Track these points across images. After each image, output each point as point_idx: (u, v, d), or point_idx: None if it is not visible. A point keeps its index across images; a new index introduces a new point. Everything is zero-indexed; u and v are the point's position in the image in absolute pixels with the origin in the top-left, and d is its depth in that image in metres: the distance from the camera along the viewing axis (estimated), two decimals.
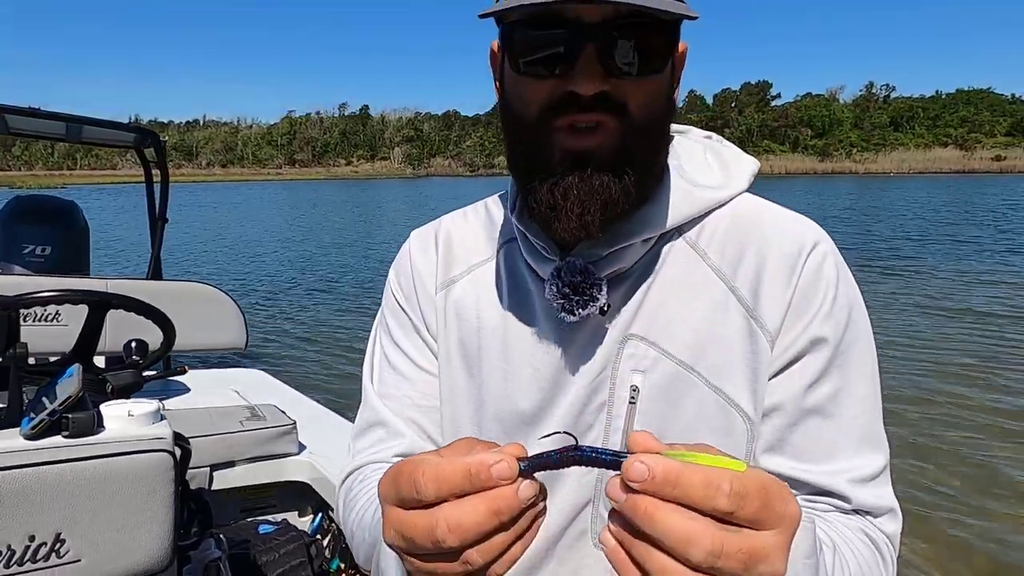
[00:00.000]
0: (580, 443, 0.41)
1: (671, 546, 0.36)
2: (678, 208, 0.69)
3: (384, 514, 0.45)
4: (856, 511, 0.66)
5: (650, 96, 0.63)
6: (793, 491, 0.68)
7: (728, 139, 0.80)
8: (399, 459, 0.77)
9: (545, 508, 0.43)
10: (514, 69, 0.65)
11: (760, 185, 0.72)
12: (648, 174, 0.67)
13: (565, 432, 0.46)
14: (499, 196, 0.84)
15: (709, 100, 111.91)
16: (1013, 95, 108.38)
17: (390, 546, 0.45)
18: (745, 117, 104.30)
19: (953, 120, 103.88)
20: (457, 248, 0.81)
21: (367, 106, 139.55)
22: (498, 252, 0.78)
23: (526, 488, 0.40)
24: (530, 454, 0.42)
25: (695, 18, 0.60)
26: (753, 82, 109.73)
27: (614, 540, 0.39)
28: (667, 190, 0.70)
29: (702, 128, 0.82)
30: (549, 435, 0.68)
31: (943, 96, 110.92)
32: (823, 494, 0.66)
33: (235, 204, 38.28)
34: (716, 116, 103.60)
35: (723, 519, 0.36)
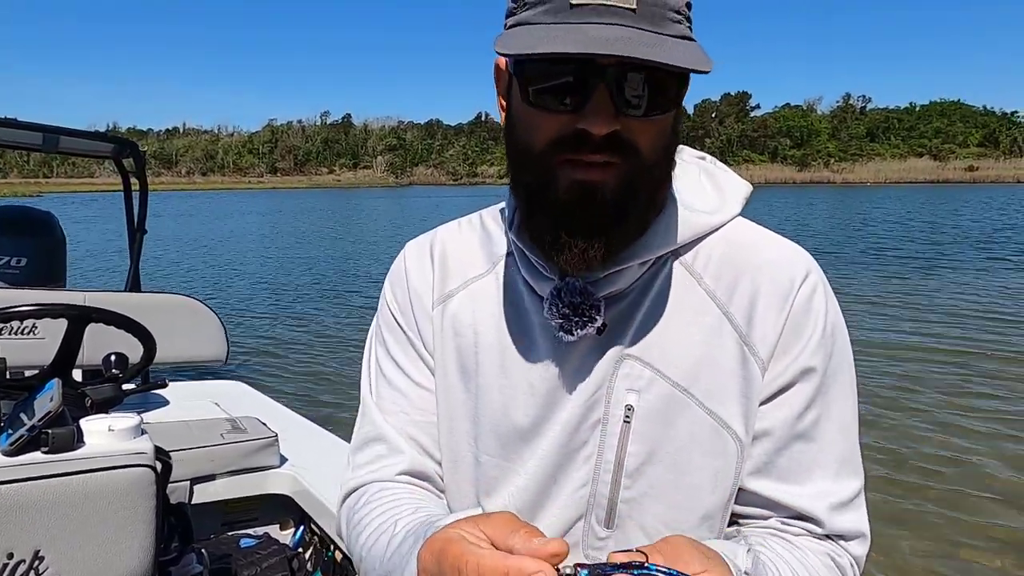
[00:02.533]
0: (647, 563, 0.42)
1: None
2: (674, 232, 0.71)
3: None
4: (828, 536, 0.69)
5: (658, 135, 0.64)
6: (772, 513, 0.70)
7: (708, 149, 0.81)
8: (404, 478, 0.77)
9: None
10: (524, 99, 0.65)
11: None
12: (651, 209, 0.68)
13: (638, 550, 0.46)
14: (494, 209, 0.84)
15: (690, 110, 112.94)
16: (984, 107, 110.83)
17: None
18: (725, 127, 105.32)
19: (928, 131, 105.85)
20: (453, 262, 0.81)
21: (349, 115, 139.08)
22: (495, 267, 0.79)
23: None
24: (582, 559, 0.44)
25: (708, 71, 0.58)
26: (732, 93, 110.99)
27: None
28: (664, 214, 0.71)
29: (683, 138, 0.83)
30: (625, 551, 0.69)
31: (917, 108, 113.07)
32: (801, 518, 0.69)
33: (215, 213, 37.92)
34: (697, 126, 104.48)
35: None
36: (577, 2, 0.58)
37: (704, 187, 0.76)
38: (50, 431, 1.13)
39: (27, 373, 1.74)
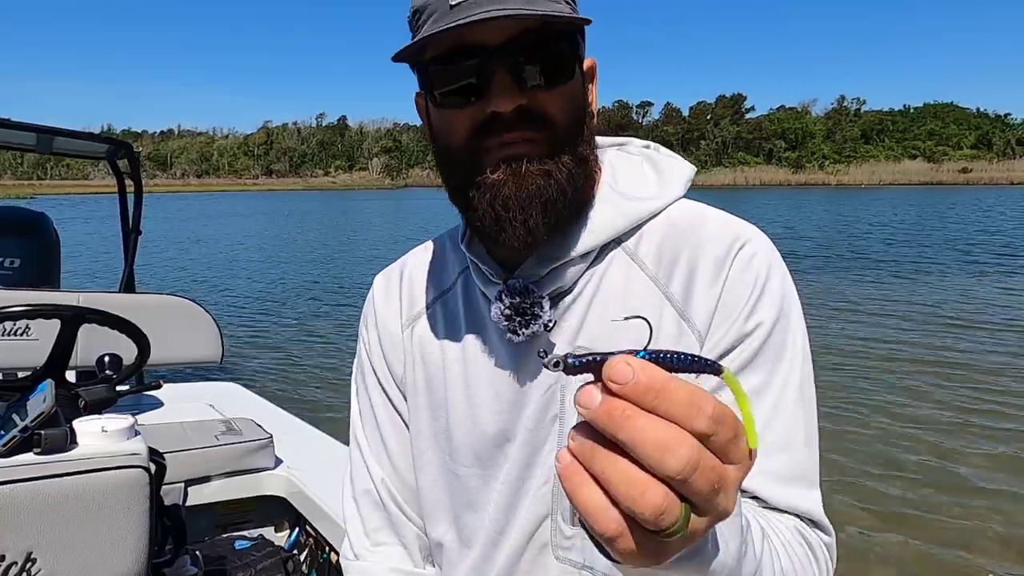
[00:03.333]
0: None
1: (645, 453, 0.33)
2: (612, 222, 0.72)
3: None
4: (786, 513, 0.64)
5: (565, 104, 0.67)
6: None
7: (704, 150, 0.83)
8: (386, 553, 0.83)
9: None
10: (435, 104, 0.69)
11: (735, 196, 0.74)
12: (578, 172, 0.69)
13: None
14: (455, 228, 0.86)
15: (685, 112, 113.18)
16: (978, 109, 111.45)
17: None
18: (720, 129, 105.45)
19: (921, 133, 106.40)
20: (419, 284, 0.84)
21: (345, 117, 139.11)
22: (456, 282, 0.82)
23: None
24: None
25: (588, 22, 0.66)
26: (728, 95, 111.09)
27: (570, 456, 0.35)
28: (601, 206, 0.73)
29: (679, 140, 0.85)
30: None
31: (911, 110, 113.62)
32: (746, 492, 0.64)
33: (210, 215, 37.84)
34: (692, 128, 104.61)
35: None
36: (455, 1, 0.63)
37: (646, 174, 0.78)
38: (43, 432, 1.12)
39: (20, 374, 1.73)
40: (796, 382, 0.67)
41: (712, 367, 0.36)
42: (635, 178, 0.77)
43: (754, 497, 0.64)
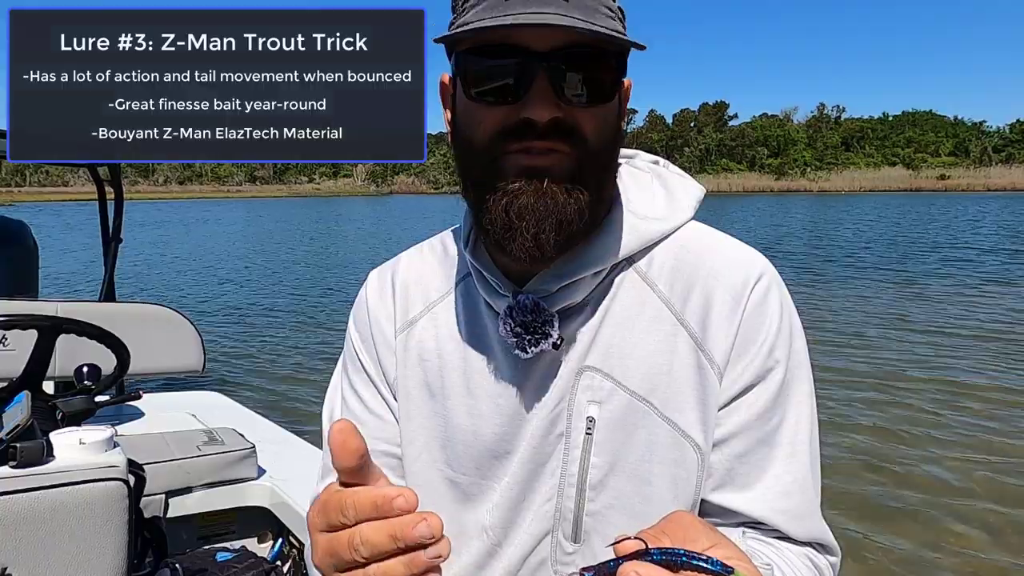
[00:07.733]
0: (648, 548, 0.41)
1: None
2: (625, 241, 0.71)
3: (314, 542, 0.49)
4: (796, 542, 0.68)
5: (601, 123, 0.65)
6: (739, 522, 0.69)
7: (688, 158, 0.83)
8: None
9: (439, 566, 0.45)
10: (467, 96, 0.66)
11: (719, 203, 0.74)
12: (599, 197, 0.68)
13: (636, 537, 0.45)
14: (453, 230, 0.84)
15: (669, 120, 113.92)
16: (956, 117, 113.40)
17: (318, 568, 0.49)
18: (704, 136, 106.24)
19: (900, 141, 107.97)
20: (414, 288, 0.81)
21: None
22: (455, 288, 0.79)
23: (422, 527, 0.44)
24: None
25: (643, 48, 0.63)
26: (711, 102, 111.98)
27: None
28: (614, 223, 0.72)
29: (663, 147, 0.84)
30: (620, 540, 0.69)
31: (890, 118, 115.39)
32: (766, 526, 0.68)
33: (193, 223, 37.51)
34: (676, 135, 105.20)
35: None
36: None
37: (656, 193, 0.77)
38: (18, 445, 1.11)
39: None
40: (807, 420, 0.70)
41: (722, 569, 0.40)
42: (645, 196, 0.76)
43: (776, 532, 0.68)
